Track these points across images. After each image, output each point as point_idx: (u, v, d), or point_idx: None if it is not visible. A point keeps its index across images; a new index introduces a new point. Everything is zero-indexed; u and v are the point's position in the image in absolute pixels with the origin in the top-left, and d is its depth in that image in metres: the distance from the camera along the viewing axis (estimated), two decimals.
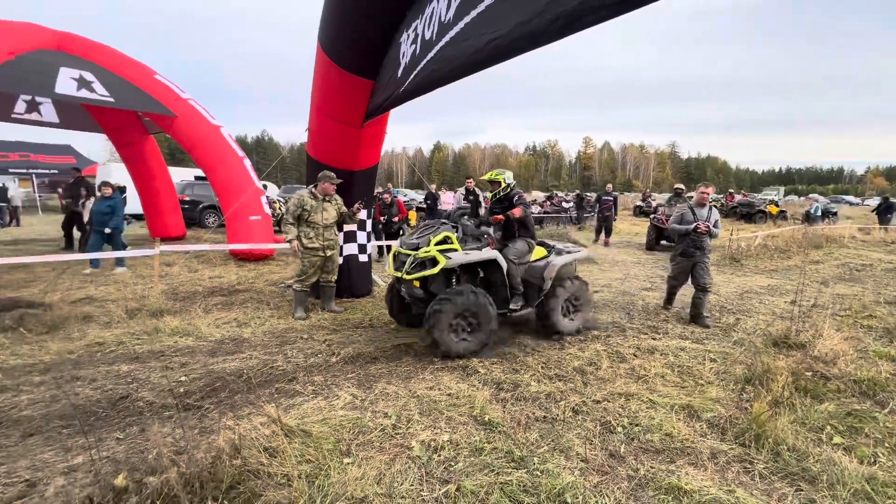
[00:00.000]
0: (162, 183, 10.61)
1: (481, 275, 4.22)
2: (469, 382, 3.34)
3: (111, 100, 7.16)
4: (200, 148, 7.99)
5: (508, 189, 4.34)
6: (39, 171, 20.60)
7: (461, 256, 3.87)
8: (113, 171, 16.61)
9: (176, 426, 2.63)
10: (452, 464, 2.37)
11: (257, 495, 2.06)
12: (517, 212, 4.13)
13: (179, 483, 2.04)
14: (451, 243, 3.94)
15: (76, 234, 9.01)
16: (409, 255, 3.92)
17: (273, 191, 20.89)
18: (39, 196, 19.96)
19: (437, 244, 3.89)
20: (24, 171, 20.03)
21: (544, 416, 2.87)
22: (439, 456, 2.43)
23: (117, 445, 2.52)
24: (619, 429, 2.74)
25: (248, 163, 8.45)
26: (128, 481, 2.08)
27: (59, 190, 20.82)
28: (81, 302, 5.26)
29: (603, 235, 11.88)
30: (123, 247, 7.03)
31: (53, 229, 12.06)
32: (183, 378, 3.37)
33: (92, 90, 6.98)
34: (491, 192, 4.45)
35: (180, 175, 15.83)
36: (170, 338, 4.21)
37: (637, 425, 2.77)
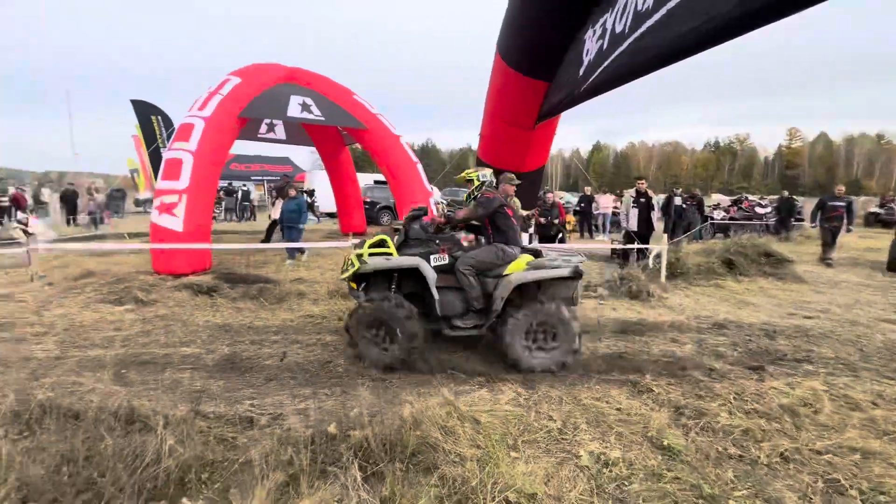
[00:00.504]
0: (352, 187, 12.54)
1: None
2: (641, 400, 3.07)
3: (322, 118, 8.77)
4: (384, 155, 9.17)
5: (482, 188, 3.94)
6: (268, 177, 26.51)
7: (378, 262, 3.61)
8: (316, 177, 20.32)
9: (372, 392, 3.07)
10: (626, 484, 2.21)
11: (435, 467, 2.26)
12: (460, 213, 3.80)
13: (374, 441, 2.39)
14: (387, 247, 3.66)
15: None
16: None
17: (436, 194, 22.74)
18: (268, 197, 25.73)
19: (370, 247, 3.69)
20: (259, 178, 26.04)
21: (740, 456, 2.45)
22: (610, 472, 2.29)
23: (327, 400, 3.08)
24: (853, 492, 2.17)
25: (420, 168, 9.36)
26: (337, 430, 2.53)
27: (273, 192, 26.44)
28: (296, 282, 6.57)
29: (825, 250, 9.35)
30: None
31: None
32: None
33: (311, 112, 8.66)
34: (467, 191, 4.06)
35: (363, 180, 18.53)
36: None
37: (882, 493, 2.15)
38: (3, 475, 1.96)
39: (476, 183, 4.04)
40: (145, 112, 11.30)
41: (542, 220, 8.80)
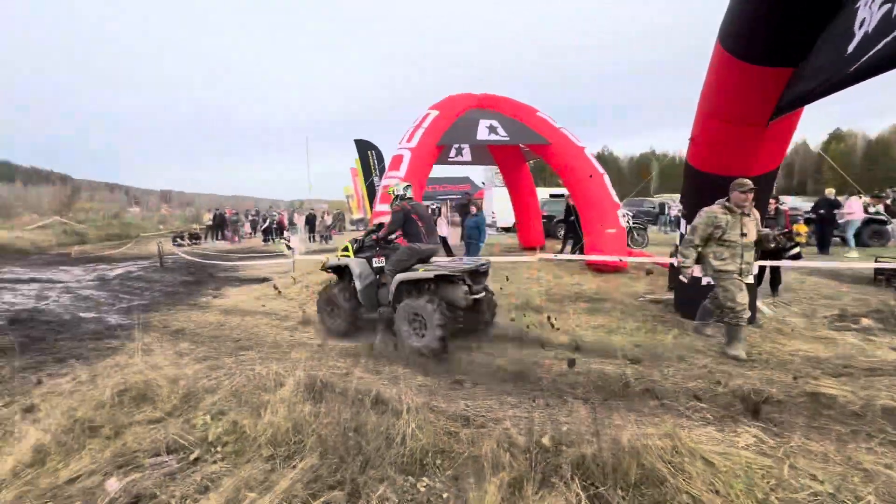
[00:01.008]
0: (532, 201, 12.74)
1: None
2: None
3: (508, 139, 9.20)
4: (568, 168, 9.06)
5: (395, 202, 4.96)
6: (450, 196, 29.11)
7: (333, 261, 5.17)
8: (494, 194, 21.35)
9: (586, 411, 3.03)
10: None
11: None
12: (381, 232, 4.94)
13: (591, 461, 2.34)
14: (348, 251, 5.07)
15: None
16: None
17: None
18: (451, 214, 28.27)
19: (342, 250, 5.15)
20: (443, 197, 28.81)
21: None
22: None
23: (533, 410, 3.16)
24: None
25: (606, 179, 8.90)
26: (551, 444, 2.57)
27: (456, 210, 28.65)
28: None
29: None
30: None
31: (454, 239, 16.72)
32: (575, 370, 3.87)
33: (497, 133, 9.20)
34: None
35: (539, 195, 18.66)
36: (553, 332, 4.95)
37: None
38: (308, 430, 2.62)
39: (393, 197, 5.05)
40: (364, 148, 13.84)
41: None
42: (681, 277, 4.35)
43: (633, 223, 12.46)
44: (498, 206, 20.42)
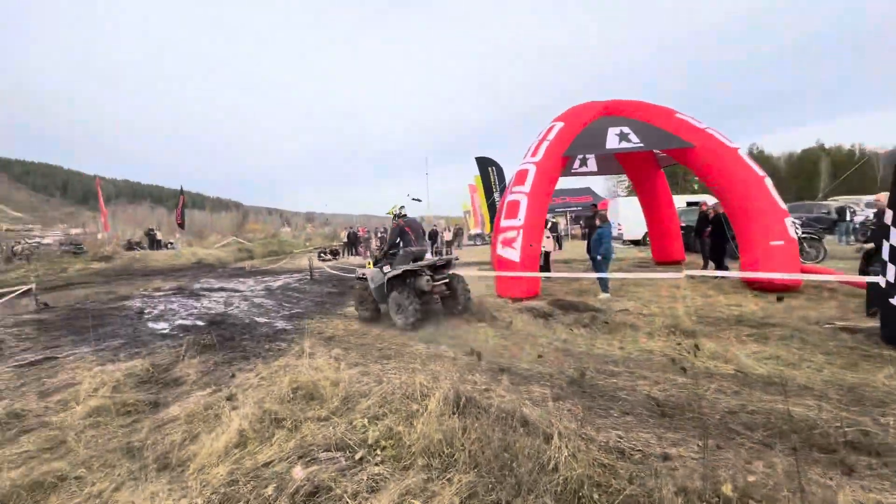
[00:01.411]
0: (667, 211, 11.54)
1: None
2: None
3: (642, 145, 8.51)
4: (716, 172, 8.00)
5: (394, 219, 6.82)
6: (570, 208, 27.99)
7: (359, 272, 7.43)
8: (620, 204, 19.92)
9: (778, 460, 2.56)
10: None
11: None
12: (384, 246, 7.03)
13: None
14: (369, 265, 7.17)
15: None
16: None
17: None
18: (570, 227, 27.14)
19: (369, 264, 7.19)
20: (562, 209, 27.84)
21: None
22: None
23: (699, 450, 2.77)
24: None
25: (768, 182, 7.63)
26: (737, 494, 2.20)
27: (581, 222, 27.36)
28: (623, 312, 6.44)
29: None
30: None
31: (577, 252, 15.91)
32: (747, 408, 3.32)
33: (629, 140, 8.58)
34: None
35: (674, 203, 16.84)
36: (710, 360, 4.34)
37: None
38: (458, 444, 2.67)
39: (392, 215, 6.74)
40: (484, 165, 14.14)
41: None
42: (893, 301, 3.45)
43: (804, 232, 10.43)
44: (624, 217, 19.01)
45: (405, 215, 6.78)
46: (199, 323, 7.83)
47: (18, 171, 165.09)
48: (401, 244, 6.67)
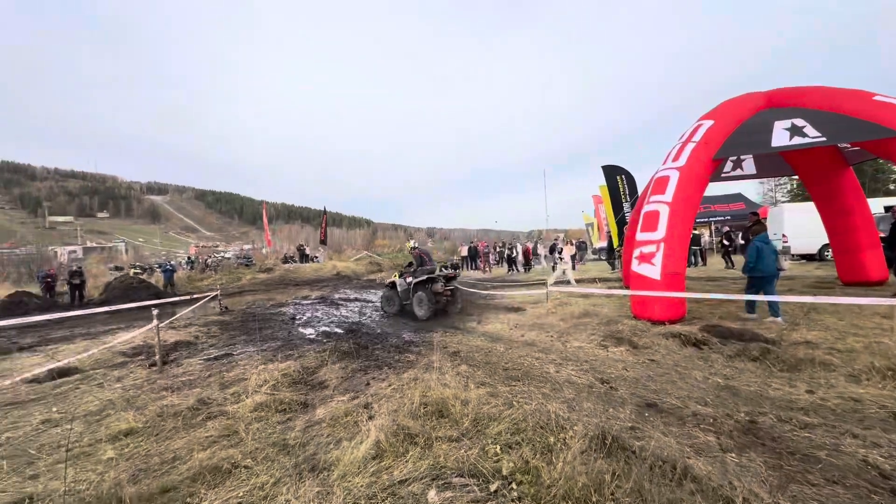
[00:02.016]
0: (860, 218, 9.23)
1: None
2: None
3: (823, 139, 6.93)
4: None
5: (413, 249, 10.02)
6: (715, 218, 24.41)
7: (388, 280, 10.89)
8: (785, 211, 16.70)
9: None
10: None
11: None
12: (413, 268, 9.93)
13: None
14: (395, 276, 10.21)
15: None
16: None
17: None
18: (714, 239, 23.66)
19: (396, 276, 10.22)
20: (705, 219, 24.44)
21: None
22: None
23: None
24: None
25: None
26: None
27: (738, 234, 23.63)
28: (805, 345, 5.21)
29: None
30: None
31: (719, 268, 13.58)
32: None
33: (804, 135, 7.07)
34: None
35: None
36: None
37: None
38: (607, 493, 2.32)
39: (409, 248, 10.17)
40: (612, 174, 13.14)
41: None
42: None
43: None
44: (792, 226, 15.85)
45: (417, 246, 10.18)
46: (339, 330, 8.60)
47: (210, 199, 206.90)
48: (416, 265, 9.88)
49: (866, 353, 4.56)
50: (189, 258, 30.41)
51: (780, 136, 7.27)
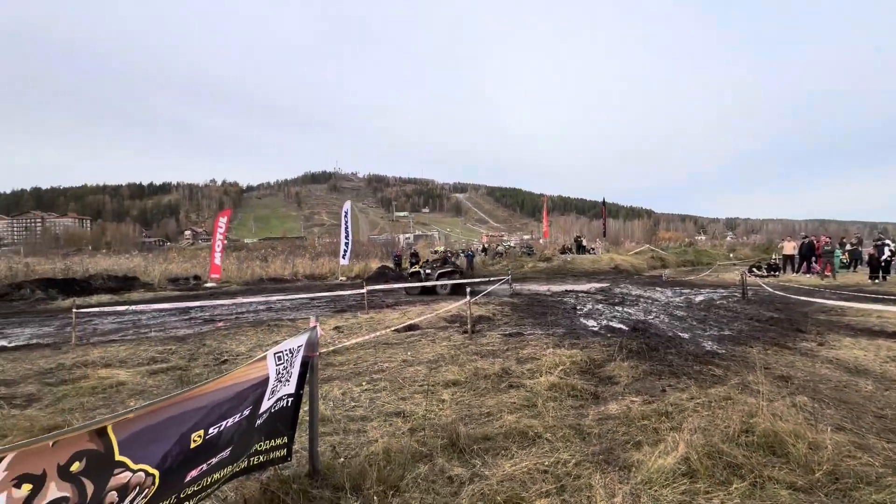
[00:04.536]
0: None
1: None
2: None
3: None
4: None
5: (443, 252, 17.80)
6: None
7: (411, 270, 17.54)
8: None
9: None
10: None
11: None
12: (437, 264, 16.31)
13: None
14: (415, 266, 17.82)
15: None
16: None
17: None
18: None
19: (419, 266, 17.56)
20: None
21: None
22: None
23: None
24: None
25: None
26: None
27: None
28: None
29: None
30: None
31: None
32: None
33: None
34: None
35: None
36: None
37: None
38: None
39: (439, 251, 18.41)
40: None
41: None
42: None
43: None
44: None
45: (439, 250, 17.21)
46: (623, 327, 8.22)
47: (498, 195, 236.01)
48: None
49: None
50: (483, 246, 35.77)
51: None
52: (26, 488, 1.31)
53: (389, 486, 2.74)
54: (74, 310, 7.92)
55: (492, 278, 15.11)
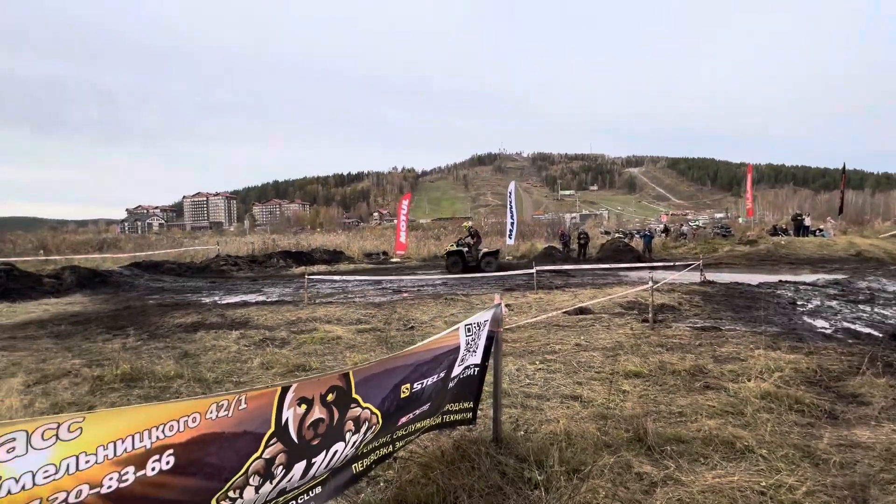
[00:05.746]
0: None
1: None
2: None
3: None
4: None
5: (470, 230, 16.77)
6: None
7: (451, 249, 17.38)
8: None
9: None
10: None
11: None
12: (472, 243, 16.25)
13: None
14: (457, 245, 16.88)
15: None
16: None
17: None
18: None
19: (458, 245, 16.90)
20: None
21: None
22: None
23: None
24: None
25: None
26: None
27: None
28: None
29: None
30: None
31: None
32: None
33: None
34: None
35: None
36: None
37: None
38: None
39: (466, 228, 17.34)
40: None
41: None
42: None
43: None
44: None
45: (470, 229, 16.77)
46: (873, 332, 6.30)
47: (682, 167, 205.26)
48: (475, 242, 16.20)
49: None
50: (664, 226, 31.75)
51: None
52: (303, 408, 1.72)
53: (573, 469, 2.71)
54: (307, 276, 10.05)
55: (677, 263, 13.27)
